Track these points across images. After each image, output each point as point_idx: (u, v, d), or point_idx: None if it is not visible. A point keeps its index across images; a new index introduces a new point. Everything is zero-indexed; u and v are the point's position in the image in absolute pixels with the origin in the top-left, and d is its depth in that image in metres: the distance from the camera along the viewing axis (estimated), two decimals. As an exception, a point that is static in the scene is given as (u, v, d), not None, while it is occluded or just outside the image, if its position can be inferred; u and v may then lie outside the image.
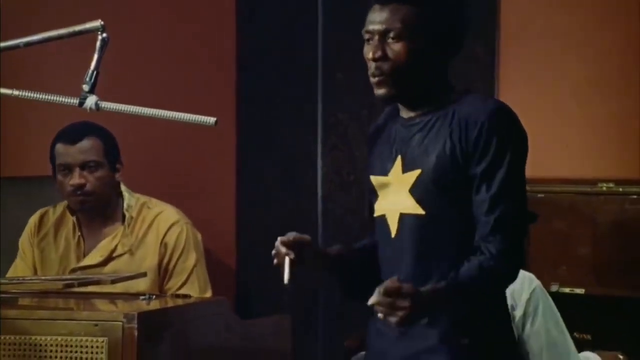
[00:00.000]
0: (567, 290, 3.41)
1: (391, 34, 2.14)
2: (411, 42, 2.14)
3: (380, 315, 1.99)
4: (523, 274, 2.81)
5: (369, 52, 2.16)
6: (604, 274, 3.40)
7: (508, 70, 3.86)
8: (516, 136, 2.13)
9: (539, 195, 3.45)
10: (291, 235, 2.18)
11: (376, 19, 2.16)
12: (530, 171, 2.21)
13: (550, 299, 2.85)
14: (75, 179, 3.20)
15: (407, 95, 2.19)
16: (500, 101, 2.19)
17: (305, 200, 4.17)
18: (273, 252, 2.18)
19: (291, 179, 4.20)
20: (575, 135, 3.73)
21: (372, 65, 2.16)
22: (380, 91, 2.17)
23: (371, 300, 1.99)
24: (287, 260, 2.14)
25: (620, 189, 3.43)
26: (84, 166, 3.21)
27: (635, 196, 3.39)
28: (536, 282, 2.83)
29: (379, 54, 2.15)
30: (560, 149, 3.73)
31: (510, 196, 2.09)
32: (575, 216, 3.47)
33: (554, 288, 3.40)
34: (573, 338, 2.94)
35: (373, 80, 2.17)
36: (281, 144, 4.21)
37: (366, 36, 2.19)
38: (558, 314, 2.85)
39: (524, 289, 2.79)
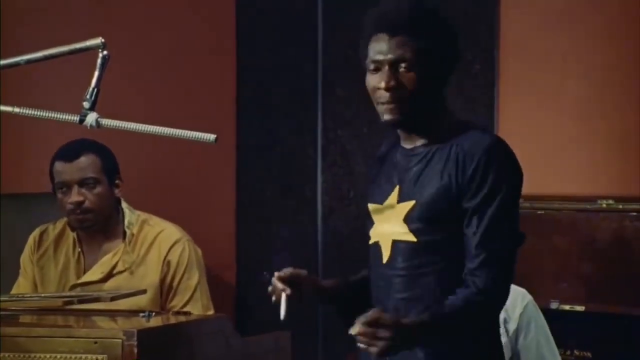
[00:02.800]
0: (567, 307, 3.41)
1: (403, 64, 2.17)
2: (422, 71, 2.17)
3: (361, 345, 2.02)
4: (516, 289, 2.84)
5: (380, 82, 2.18)
6: (604, 291, 3.40)
7: (508, 87, 3.87)
8: (511, 173, 2.16)
9: (539, 212, 3.46)
10: (287, 271, 2.22)
11: (384, 49, 2.19)
12: (530, 188, 2.22)
13: (541, 314, 2.88)
14: (74, 196, 3.19)
15: (413, 122, 2.22)
16: (498, 137, 2.22)
17: (305, 216, 4.17)
18: (270, 288, 2.23)
19: (291, 194, 4.20)
20: (574, 152, 3.73)
21: (385, 95, 2.18)
22: (390, 117, 2.19)
23: (352, 330, 2.01)
24: (283, 296, 2.18)
25: (620, 206, 3.43)
26: (82, 183, 3.21)
27: (635, 213, 3.39)
28: (529, 298, 2.86)
29: (392, 83, 2.17)
30: (560, 165, 3.73)
31: (500, 233, 2.13)
32: (575, 233, 3.47)
33: (554, 305, 3.40)
34: (573, 356, 2.94)
35: (385, 107, 2.19)
36: (281, 160, 4.22)
37: (372, 66, 2.21)
38: (548, 330, 2.87)
39: (517, 303, 2.82)
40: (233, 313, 4.09)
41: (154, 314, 2.85)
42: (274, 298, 2.22)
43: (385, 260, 2.21)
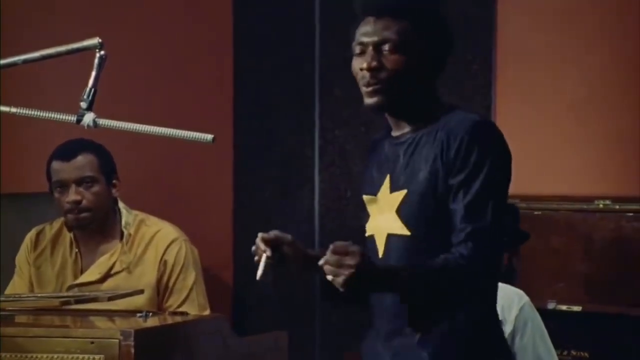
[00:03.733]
0: (564, 307, 3.41)
1: (387, 46, 2.15)
2: (406, 54, 2.15)
3: (328, 276, 1.98)
4: (512, 290, 2.83)
5: (362, 63, 2.17)
6: (601, 291, 3.40)
7: (505, 87, 3.87)
8: (496, 150, 2.13)
9: (536, 212, 3.46)
10: (272, 233, 2.18)
11: (369, 31, 2.18)
12: (527, 188, 2.21)
13: (538, 315, 2.86)
14: (72, 195, 3.19)
15: (397, 107, 2.19)
16: (483, 116, 2.20)
17: (302, 216, 4.17)
18: (253, 248, 2.18)
19: (288, 194, 4.20)
20: (572, 152, 3.73)
21: (366, 75, 2.16)
22: (371, 100, 2.17)
23: (321, 261, 1.98)
24: (263, 257, 2.14)
25: (617, 206, 3.43)
26: (79, 182, 3.21)
27: (631, 213, 3.39)
28: (525, 299, 2.85)
29: (374, 63, 2.15)
30: (558, 166, 3.73)
31: (486, 207, 2.08)
32: (572, 233, 3.47)
33: (551, 305, 3.40)
34: (570, 356, 2.93)
35: (367, 89, 2.17)
36: (278, 160, 4.22)
37: (357, 49, 2.19)
38: (545, 331, 2.86)
39: (513, 305, 2.81)
40: (230, 313, 4.09)
41: (151, 314, 2.85)
42: (256, 258, 2.16)
43: (380, 254, 2.18)
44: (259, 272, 2.14)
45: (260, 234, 2.18)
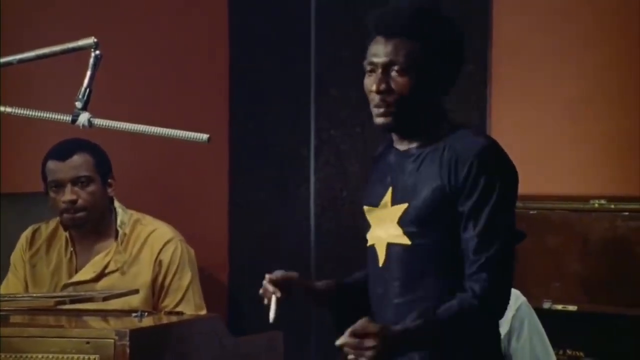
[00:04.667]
0: (559, 307, 3.41)
1: (395, 67, 2.16)
2: (415, 76, 2.16)
3: (350, 357, 2.01)
4: (509, 290, 2.83)
5: (372, 85, 2.18)
6: (596, 291, 3.40)
7: (500, 88, 3.87)
8: (504, 174, 2.15)
9: (532, 212, 3.46)
10: (279, 273, 2.22)
11: (380, 52, 2.18)
12: (522, 188, 2.21)
13: (535, 315, 2.86)
14: (68, 195, 3.19)
15: (405, 126, 2.21)
16: (491, 138, 2.20)
17: (298, 216, 4.17)
18: (260, 291, 2.22)
19: (284, 194, 4.20)
20: (567, 152, 3.74)
21: (375, 97, 2.18)
22: (381, 121, 2.19)
23: (339, 342, 2.02)
24: (274, 299, 2.18)
25: (613, 206, 3.43)
26: (75, 182, 3.21)
27: (627, 213, 3.39)
28: (522, 299, 2.85)
29: (383, 86, 2.17)
30: (553, 165, 3.73)
31: (497, 235, 2.11)
32: (567, 233, 3.47)
33: (547, 305, 3.40)
34: (565, 355, 2.93)
35: (376, 111, 2.19)
36: (274, 160, 4.22)
37: (368, 68, 2.20)
38: (543, 331, 2.86)
39: (509, 305, 2.79)
40: (226, 313, 4.09)
41: (146, 314, 2.85)
42: (265, 301, 2.20)
43: (381, 263, 2.20)
44: (272, 315, 2.18)
45: (267, 276, 2.21)
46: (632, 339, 3.30)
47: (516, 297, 2.83)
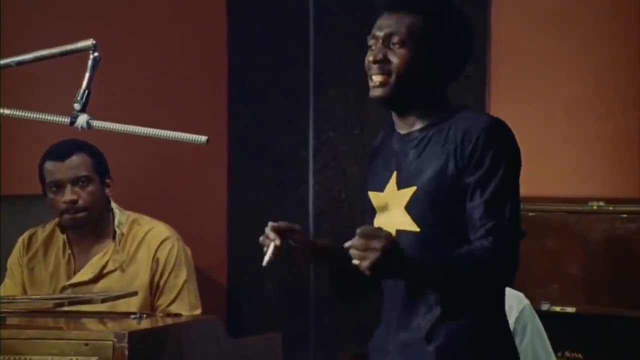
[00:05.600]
0: (558, 309, 3.41)
1: (394, 39, 2.15)
2: (414, 49, 2.15)
3: (354, 260, 1.98)
4: (512, 293, 2.82)
5: (370, 56, 2.17)
6: (595, 292, 3.40)
7: (499, 88, 3.87)
8: (511, 150, 2.13)
9: (530, 213, 3.46)
10: (282, 223, 2.18)
11: (382, 25, 2.18)
12: (521, 189, 2.21)
13: (538, 318, 2.86)
14: (68, 195, 3.19)
15: (403, 103, 2.19)
16: (496, 117, 2.18)
17: (297, 218, 4.16)
18: (261, 238, 2.18)
19: (283, 196, 4.20)
20: (566, 153, 3.74)
21: (373, 67, 2.16)
22: (376, 92, 2.16)
23: (347, 243, 1.99)
24: (272, 245, 2.15)
25: (611, 208, 3.43)
26: (75, 182, 3.21)
27: (625, 215, 3.39)
28: (525, 302, 2.84)
29: (380, 56, 2.15)
30: (552, 167, 3.73)
31: (504, 204, 2.08)
32: (566, 235, 3.47)
33: (545, 307, 3.40)
34: (564, 357, 2.93)
35: (372, 82, 2.17)
36: (273, 161, 4.22)
37: (370, 42, 2.19)
38: (545, 334, 2.85)
39: (512, 308, 2.79)
40: (224, 315, 4.09)
41: (145, 315, 2.85)
42: (265, 249, 2.17)
43: None
44: (266, 259, 2.16)
45: (270, 223, 2.17)
46: (631, 340, 3.30)
47: (519, 300, 2.83)
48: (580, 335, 3.37)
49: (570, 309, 3.40)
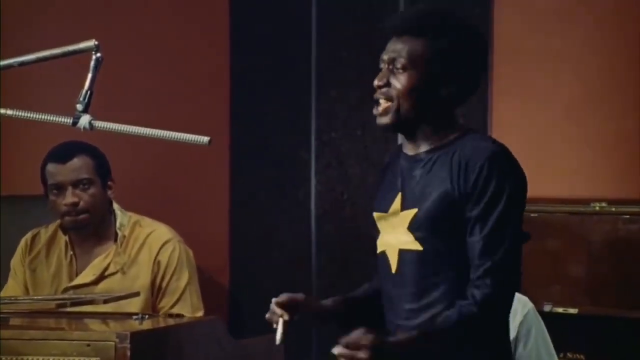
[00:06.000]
0: (560, 310, 3.40)
1: (397, 64, 2.16)
2: (415, 73, 2.15)
3: None
4: (517, 296, 2.80)
5: (375, 80, 2.19)
6: (597, 293, 3.40)
7: (501, 88, 3.87)
8: (514, 181, 2.13)
9: (532, 214, 3.45)
10: (284, 296, 2.21)
11: (389, 49, 2.19)
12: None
13: (542, 322, 2.85)
14: (69, 197, 3.19)
15: (408, 127, 2.20)
16: (501, 144, 2.18)
17: (299, 218, 4.16)
18: (267, 315, 2.22)
19: (285, 196, 4.20)
20: (568, 154, 3.73)
21: (377, 92, 2.18)
22: (381, 121, 2.18)
23: (334, 350, 2.03)
24: (280, 321, 2.18)
25: (613, 209, 3.43)
26: (76, 184, 3.21)
27: (628, 216, 3.39)
28: (530, 305, 2.83)
29: (383, 81, 2.17)
30: (554, 167, 3.73)
31: (504, 240, 2.10)
32: (568, 236, 3.47)
33: (547, 308, 3.40)
34: (566, 358, 2.93)
35: (376, 109, 2.18)
36: (275, 162, 4.21)
37: (380, 65, 2.21)
38: (548, 338, 2.84)
39: (517, 311, 2.78)
40: (226, 315, 4.09)
41: (147, 316, 2.85)
42: (274, 325, 2.20)
43: (394, 270, 2.18)
44: (278, 337, 2.18)
45: (274, 300, 2.20)
46: (633, 341, 3.30)
47: (524, 304, 2.82)
48: (582, 336, 3.36)
49: (573, 310, 3.40)
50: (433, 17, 2.18)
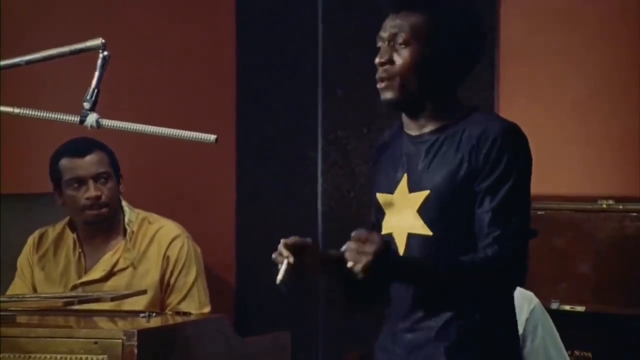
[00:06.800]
0: (567, 307, 3.40)
1: (399, 39, 2.14)
2: (418, 48, 2.13)
3: (349, 263, 1.99)
4: (523, 292, 2.81)
5: (377, 58, 2.16)
6: (604, 291, 3.40)
7: (507, 87, 3.87)
8: (524, 156, 2.13)
9: (539, 212, 3.45)
10: (293, 239, 2.16)
11: (387, 26, 2.17)
12: (530, 189, 2.21)
13: (549, 317, 2.84)
14: (92, 191, 3.21)
15: (412, 104, 2.17)
16: (512, 121, 2.17)
17: (305, 217, 4.16)
18: (273, 255, 2.16)
19: (291, 195, 4.20)
20: (575, 152, 3.73)
21: (379, 69, 2.15)
22: (385, 95, 2.16)
23: (343, 247, 2.01)
24: (285, 262, 2.13)
25: (620, 206, 3.43)
26: (97, 178, 3.23)
27: (635, 213, 3.39)
28: (536, 301, 2.83)
29: (385, 58, 2.14)
30: (560, 166, 3.73)
31: (513, 212, 2.07)
32: (575, 233, 3.47)
33: (555, 305, 3.40)
34: (574, 356, 2.92)
35: (379, 85, 2.16)
36: (281, 160, 4.22)
37: (378, 44, 2.18)
38: (556, 333, 2.84)
39: (523, 307, 2.78)
40: (233, 313, 4.09)
41: (154, 314, 2.86)
42: (279, 266, 2.15)
43: (401, 253, 2.15)
44: (279, 277, 2.14)
45: (282, 240, 2.15)
46: (640, 339, 3.30)
47: (530, 300, 2.81)
48: (589, 334, 3.36)
49: (580, 308, 3.40)
50: None
